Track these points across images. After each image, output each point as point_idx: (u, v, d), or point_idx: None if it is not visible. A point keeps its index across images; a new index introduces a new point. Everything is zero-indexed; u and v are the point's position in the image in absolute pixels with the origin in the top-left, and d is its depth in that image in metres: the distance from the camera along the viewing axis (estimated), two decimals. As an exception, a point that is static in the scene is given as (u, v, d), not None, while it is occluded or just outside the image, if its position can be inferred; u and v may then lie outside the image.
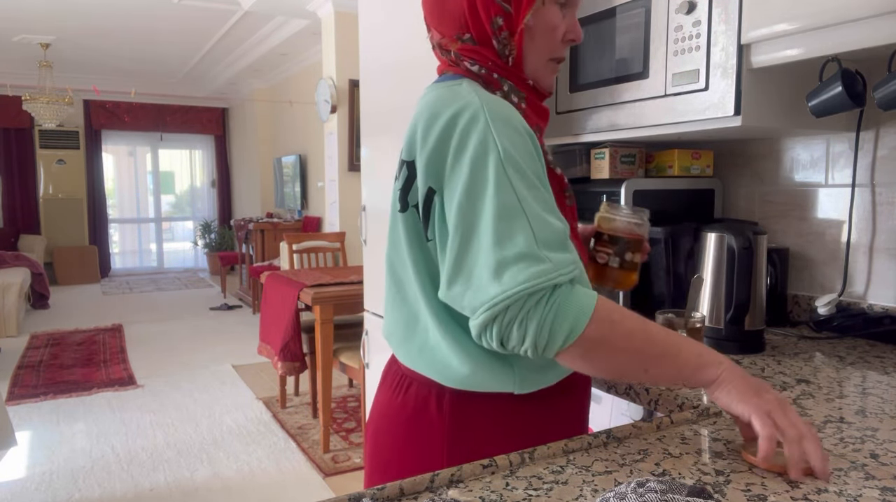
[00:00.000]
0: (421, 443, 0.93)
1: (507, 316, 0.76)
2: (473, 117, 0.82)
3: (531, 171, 0.82)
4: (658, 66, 1.42)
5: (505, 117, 0.83)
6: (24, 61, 7.10)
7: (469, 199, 0.80)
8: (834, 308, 1.48)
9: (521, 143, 0.83)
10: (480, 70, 0.91)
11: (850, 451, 0.83)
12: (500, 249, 0.77)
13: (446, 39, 0.94)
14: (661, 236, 1.54)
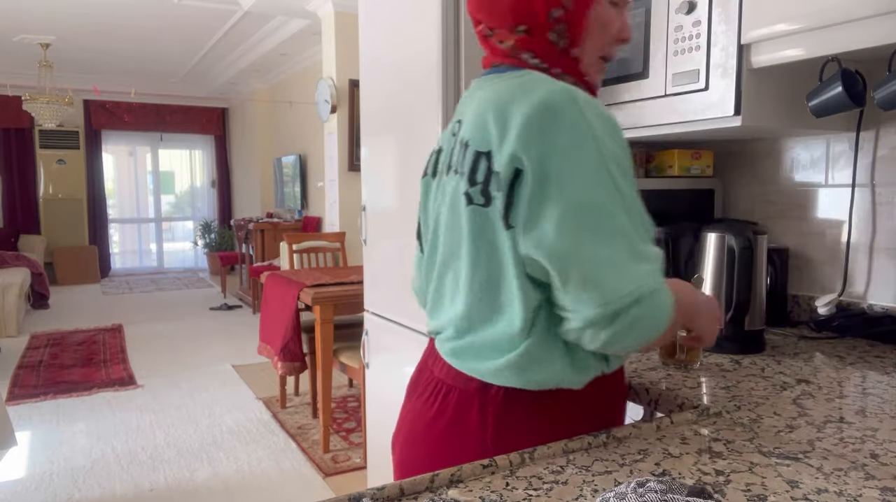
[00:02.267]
0: (462, 452, 0.90)
1: (628, 314, 0.78)
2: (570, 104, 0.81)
3: (627, 165, 0.84)
4: (658, 66, 1.42)
5: (603, 112, 0.85)
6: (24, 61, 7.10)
7: (585, 191, 0.79)
8: (834, 308, 1.48)
9: (619, 136, 0.85)
10: (541, 63, 0.90)
11: (850, 451, 0.83)
12: (625, 246, 0.79)
13: (502, 30, 0.91)
14: (661, 236, 1.54)
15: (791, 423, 0.93)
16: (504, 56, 0.93)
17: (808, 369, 1.21)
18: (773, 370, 1.21)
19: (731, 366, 1.24)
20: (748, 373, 1.19)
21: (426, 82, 1.76)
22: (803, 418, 0.95)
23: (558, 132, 0.79)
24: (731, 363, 1.26)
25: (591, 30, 0.90)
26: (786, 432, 0.90)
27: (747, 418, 0.95)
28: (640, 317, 0.78)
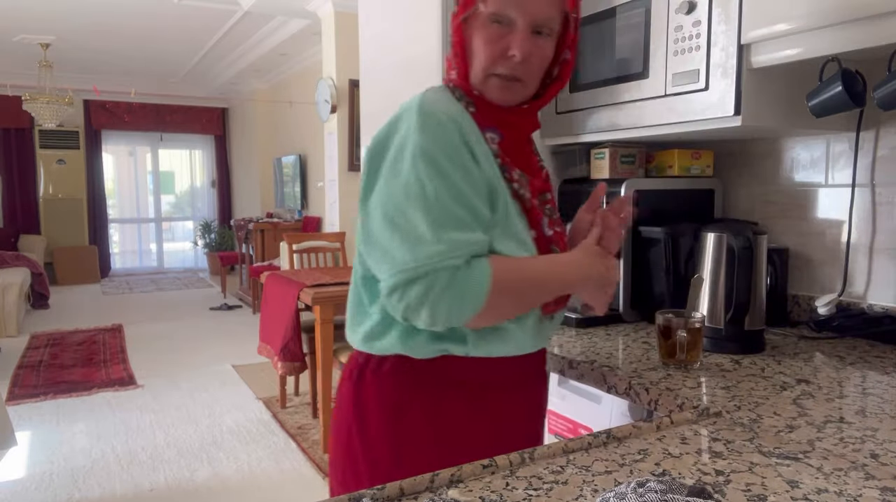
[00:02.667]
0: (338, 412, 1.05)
1: (412, 291, 0.86)
2: (403, 117, 0.93)
3: (448, 160, 0.89)
4: (658, 66, 1.42)
5: (432, 111, 0.91)
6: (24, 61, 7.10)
7: (387, 187, 0.91)
8: (834, 308, 1.48)
9: (442, 135, 0.90)
10: (450, 78, 1.02)
11: (850, 451, 0.83)
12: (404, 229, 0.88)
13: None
14: (661, 236, 1.54)
15: (791, 423, 0.93)
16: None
17: (808, 369, 1.21)
18: (773, 370, 1.21)
19: (731, 365, 1.24)
20: (748, 373, 1.19)
21: (426, 82, 1.76)
22: (803, 418, 0.95)
23: (394, 133, 0.93)
24: (731, 363, 1.26)
25: (473, 48, 0.96)
26: (786, 432, 0.90)
27: (747, 418, 0.95)
28: (434, 291, 0.86)
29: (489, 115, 0.98)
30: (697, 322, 1.22)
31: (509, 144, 1.00)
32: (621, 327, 1.59)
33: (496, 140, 0.98)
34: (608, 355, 1.32)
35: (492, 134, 0.97)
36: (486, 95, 0.98)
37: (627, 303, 1.62)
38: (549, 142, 1.79)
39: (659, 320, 1.24)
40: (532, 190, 1.01)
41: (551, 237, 1.02)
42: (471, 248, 0.88)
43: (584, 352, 1.34)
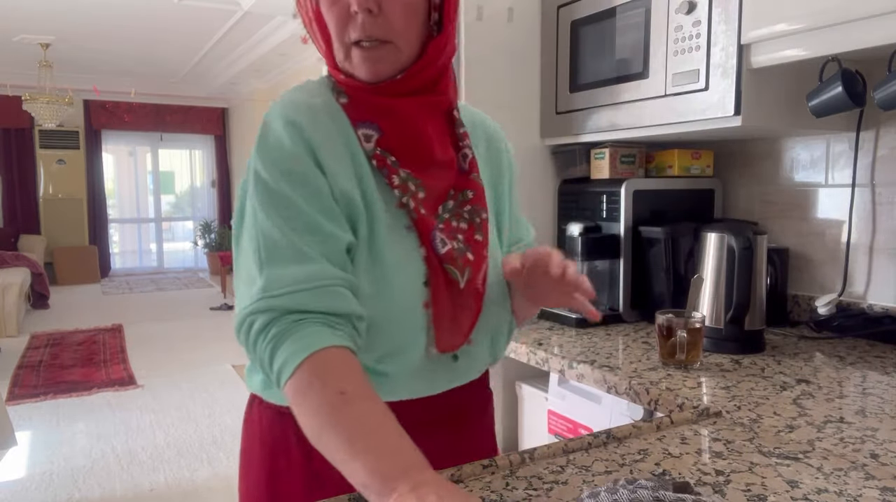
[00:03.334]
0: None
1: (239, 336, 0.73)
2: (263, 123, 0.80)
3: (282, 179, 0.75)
4: (658, 66, 1.42)
5: (274, 118, 0.78)
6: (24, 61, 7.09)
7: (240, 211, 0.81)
8: (834, 308, 1.48)
9: (277, 149, 0.76)
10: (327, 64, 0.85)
11: (850, 451, 0.83)
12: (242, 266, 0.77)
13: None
14: (661, 236, 1.54)
15: (791, 423, 0.93)
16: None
17: (808, 369, 1.21)
18: (773, 370, 1.21)
19: (731, 365, 1.24)
20: (748, 373, 1.19)
21: (426, 82, 1.76)
22: (803, 418, 0.95)
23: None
24: (731, 363, 1.26)
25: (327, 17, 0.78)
26: (786, 432, 0.90)
27: (747, 418, 0.95)
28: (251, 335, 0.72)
29: (363, 105, 0.80)
30: (697, 322, 1.22)
31: (396, 138, 0.80)
32: (621, 327, 1.59)
33: (373, 137, 0.80)
34: (608, 355, 1.32)
35: (367, 130, 0.80)
36: (356, 76, 0.79)
37: (627, 303, 1.62)
38: (549, 142, 1.79)
39: (659, 320, 1.24)
40: (429, 192, 0.82)
41: (444, 255, 0.80)
42: (298, 286, 0.70)
43: (584, 352, 1.34)
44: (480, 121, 0.97)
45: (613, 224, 1.61)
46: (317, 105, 0.79)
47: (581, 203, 1.73)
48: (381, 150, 0.80)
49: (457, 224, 0.84)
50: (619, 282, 1.62)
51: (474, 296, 0.84)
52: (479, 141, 0.94)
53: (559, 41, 1.71)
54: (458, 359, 0.85)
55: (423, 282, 0.80)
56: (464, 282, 0.82)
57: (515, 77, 1.76)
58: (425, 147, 0.82)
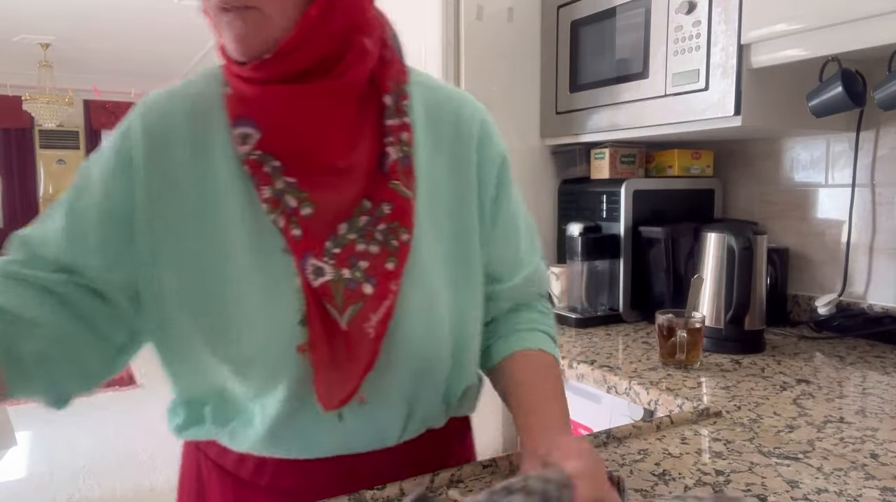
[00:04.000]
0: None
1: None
2: None
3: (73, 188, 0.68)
4: (658, 66, 1.42)
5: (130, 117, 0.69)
6: (24, 61, 7.09)
7: None
8: (834, 308, 1.48)
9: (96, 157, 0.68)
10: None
11: (850, 451, 0.83)
12: None
13: None
14: (661, 236, 1.54)
15: (791, 423, 0.93)
16: None
17: (808, 369, 1.21)
18: (773, 370, 1.21)
19: (731, 366, 1.24)
20: (748, 373, 1.19)
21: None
22: (803, 418, 0.95)
23: None
24: (731, 363, 1.26)
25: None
26: (786, 432, 0.90)
27: (747, 418, 0.95)
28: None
29: (241, 97, 0.66)
30: (697, 322, 1.22)
31: (279, 138, 0.65)
32: (621, 327, 1.59)
33: (252, 138, 0.65)
34: (608, 355, 1.32)
35: (245, 128, 0.65)
36: (230, 54, 0.65)
37: (627, 303, 1.62)
38: (549, 142, 1.80)
39: (659, 320, 1.24)
40: (322, 207, 0.65)
41: (319, 288, 0.64)
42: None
43: (584, 352, 1.34)
44: (453, 106, 0.76)
45: (613, 224, 1.61)
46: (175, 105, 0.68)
47: (581, 203, 1.73)
48: (259, 154, 0.65)
49: (365, 247, 0.66)
50: (619, 282, 1.62)
51: (364, 342, 0.65)
52: (443, 131, 0.74)
53: (559, 41, 1.71)
54: (343, 419, 0.68)
55: (300, 320, 0.65)
56: (345, 323, 0.65)
57: (515, 77, 1.76)
58: (319, 149, 0.66)
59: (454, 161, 0.74)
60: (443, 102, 0.76)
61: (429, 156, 0.72)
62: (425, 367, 0.71)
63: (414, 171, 0.70)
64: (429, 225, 0.71)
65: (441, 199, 0.72)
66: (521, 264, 0.81)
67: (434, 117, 0.74)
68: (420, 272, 0.69)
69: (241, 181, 0.66)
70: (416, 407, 0.72)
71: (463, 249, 0.73)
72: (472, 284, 0.75)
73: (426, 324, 0.69)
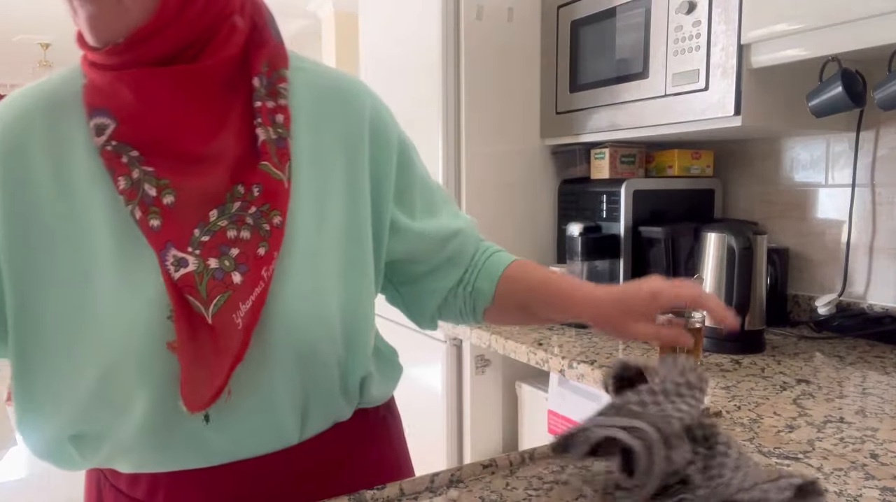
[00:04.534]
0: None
1: None
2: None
3: None
4: (658, 66, 1.42)
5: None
6: (24, 61, 7.10)
7: None
8: (834, 308, 1.48)
9: None
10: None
11: (850, 451, 0.83)
12: None
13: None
14: (661, 236, 1.54)
15: (791, 423, 0.93)
16: None
17: (808, 369, 1.21)
18: (773, 370, 1.21)
19: (731, 366, 1.24)
20: (748, 373, 1.19)
21: (426, 82, 1.76)
22: (803, 418, 0.95)
23: None
24: (731, 363, 1.26)
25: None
26: (786, 432, 0.90)
27: (747, 418, 0.95)
28: None
29: (96, 86, 0.63)
30: (697, 322, 1.22)
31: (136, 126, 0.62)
32: (621, 327, 1.58)
33: (108, 128, 0.61)
34: (608, 355, 1.32)
35: (100, 118, 0.62)
36: (87, 40, 0.62)
37: (627, 303, 1.62)
38: (549, 142, 1.80)
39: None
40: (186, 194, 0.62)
41: (181, 280, 0.60)
42: None
43: (584, 352, 1.34)
44: (339, 94, 0.73)
45: (613, 224, 1.61)
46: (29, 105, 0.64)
47: (581, 203, 1.73)
48: (115, 145, 0.61)
49: (236, 234, 0.62)
50: (619, 282, 1.62)
51: (232, 334, 0.61)
52: (330, 120, 0.71)
53: (559, 41, 1.71)
54: (209, 420, 0.64)
55: (168, 316, 0.61)
56: (210, 315, 0.60)
57: (515, 77, 1.76)
58: (178, 136, 0.62)
59: (343, 148, 0.71)
60: (329, 88, 0.73)
61: (313, 142, 0.69)
62: (310, 355, 0.66)
63: (290, 154, 0.66)
64: (311, 209, 0.67)
65: (328, 185, 0.69)
66: (453, 232, 0.82)
67: (319, 103, 0.71)
68: (299, 257, 0.65)
69: (102, 176, 0.61)
70: (310, 400, 0.69)
71: (354, 235, 0.71)
72: (363, 269, 0.72)
73: (309, 310, 0.65)
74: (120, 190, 0.61)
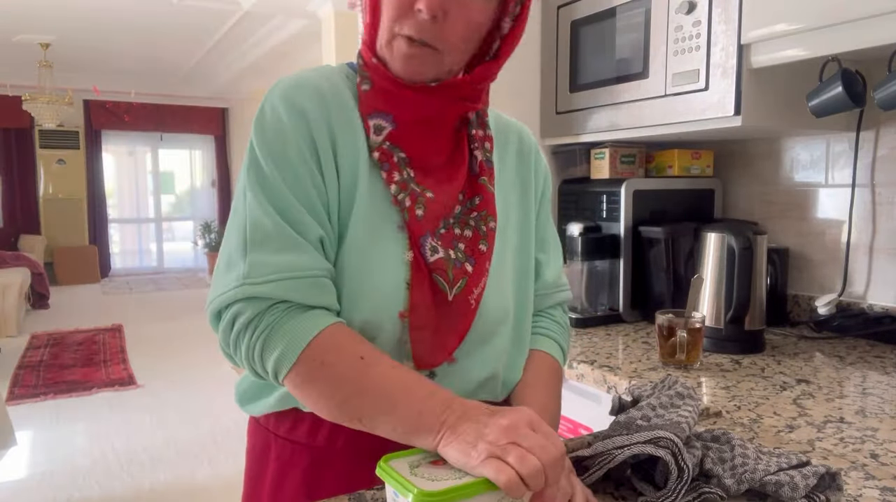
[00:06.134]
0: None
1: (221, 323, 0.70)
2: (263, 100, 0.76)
3: (276, 165, 0.72)
4: (658, 66, 1.42)
5: (279, 101, 0.74)
6: (24, 61, 7.09)
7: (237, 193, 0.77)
8: (834, 308, 1.48)
9: (277, 134, 0.73)
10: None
11: (850, 451, 0.83)
12: (223, 250, 0.73)
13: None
14: (661, 236, 1.54)
15: (791, 423, 0.93)
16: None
17: (808, 369, 1.21)
18: (773, 370, 1.21)
19: (731, 366, 1.24)
20: (748, 373, 1.19)
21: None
22: (803, 418, 0.95)
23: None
24: (731, 363, 1.26)
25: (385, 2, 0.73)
26: (786, 432, 0.90)
27: (747, 418, 0.95)
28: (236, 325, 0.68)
29: (384, 94, 0.75)
30: (697, 322, 1.22)
31: (411, 134, 0.76)
32: (621, 327, 1.59)
33: (385, 129, 0.75)
34: (608, 355, 1.32)
35: (380, 120, 0.75)
36: (390, 66, 0.75)
37: (627, 303, 1.62)
38: (549, 142, 1.80)
39: (659, 320, 1.24)
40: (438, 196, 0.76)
41: (434, 263, 0.74)
42: (283, 274, 0.68)
43: (584, 352, 1.34)
44: (516, 129, 0.92)
45: (613, 224, 1.61)
46: (323, 88, 0.75)
47: (581, 203, 1.73)
48: (389, 145, 0.75)
49: (460, 231, 0.78)
50: (619, 282, 1.62)
51: (464, 311, 0.76)
52: (508, 145, 0.89)
53: (559, 41, 1.71)
54: (435, 376, 0.77)
55: (405, 288, 0.74)
56: (452, 295, 0.75)
57: (515, 77, 1.76)
58: (441, 149, 0.79)
59: (519, 172, 0.88)
60: (508, 125, 0.91)
61: (500, 165, 0.86)
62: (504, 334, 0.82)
63: (494, 173, 0.83)
64: (503, 219, 0.83)
65: (510, 201, 0.86)
66: (553, 269, 0.93)
67: (502, 136, 0.88)
68: (498, 256, 0.81)
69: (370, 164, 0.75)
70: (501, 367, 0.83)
71: (525, 245, 0.87)
72: (529, 273, 0.88)
73: (499, 301, 0.81)
74: (394, 180, 0.74)
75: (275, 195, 0.71)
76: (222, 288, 0.69)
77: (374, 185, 0.74)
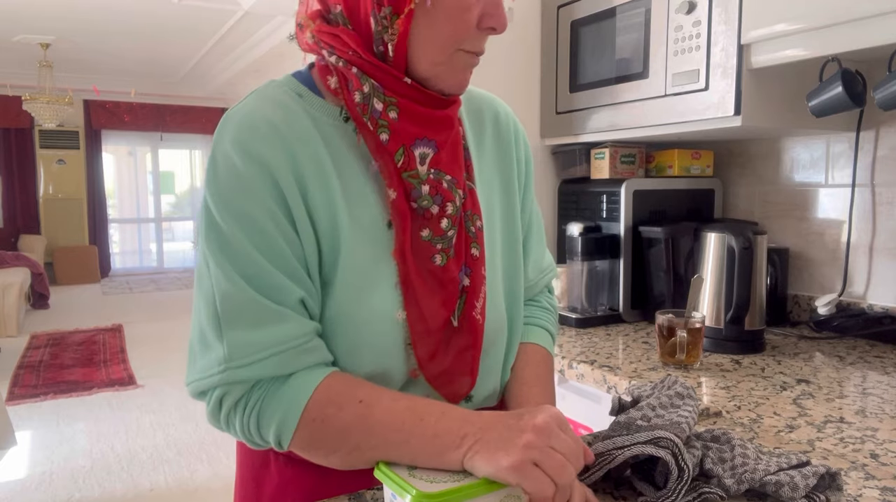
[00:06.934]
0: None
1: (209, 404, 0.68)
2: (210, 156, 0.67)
3: (232, 215, 0.64)
4: (658, 66, 1.42)
5: (230, 142, 0.65)
6: (24, 61, 7.09)
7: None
8: (834, 308, 1.48)
9: (230, 178, 0.64)
10: (338, 61, 0.67)
11: (850, 451, 0.83)
12: (195, 320, 0.68)
13: (311, 12, 0.69)
14: (661, 236, 1.54)
15: (791, 423, 0.93)
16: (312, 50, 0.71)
17: (808, 369, 1.21)
18: (773, 370, 1.21)
19: (731, 366, 1.24)
20: (748, 373, 1.19)
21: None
22: (803, 418, 0.95)
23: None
24: (731, 363, 1.26)
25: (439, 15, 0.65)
26: (786, 432, 0.90)
27: (747, 418, 0.95)
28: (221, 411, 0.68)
29: (413, 118, 0.68)
30: (697, 322, 1.22)
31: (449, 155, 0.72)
32: (621, 327, 1.59)
33: (428, 156, 0.69)
34: (608, 355, 1.32)
35: (424, 148, 0.69)
36: (440, 81, 0.69)
37: (627, 303, 1.62)
38: (549, 142, 1.80)
39: (659, 320, 1.24)
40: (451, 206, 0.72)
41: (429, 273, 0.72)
42: (267, 351, 0.63)
43: (584, 352, 1.34)
44: (490, 108, 0.83)
45: (613, 224, 1.61)
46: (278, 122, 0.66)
47: (581, 203, 1.73)
48: (434, 172, 0.70)
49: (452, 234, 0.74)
50: (619, 282, 1.62)
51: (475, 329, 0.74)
52: (485, 129, 0.81)
53: (559, 41, 1.71)
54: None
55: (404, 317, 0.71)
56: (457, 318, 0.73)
57: (515, 77, 1.76)
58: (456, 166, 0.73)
59: (498, 159, 0.81)
60: (480, 104, 0.82)
61: (477, 154, 0.79)
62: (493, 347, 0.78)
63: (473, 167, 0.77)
64: (488, 220, 0.78)
65: (491, 193, 0.79)
66: (535, 256, 0.88)
67: (476, 120, 0.81)
68: (488, 262, 0.76)
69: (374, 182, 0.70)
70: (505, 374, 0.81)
71: (512, 241, 0.81)
72: (518, 273, 0.82)
73: (494, 313, 0.77)
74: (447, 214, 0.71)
75: (241, 261, 0.63)
76: (203, 371, 0.66)
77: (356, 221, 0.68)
